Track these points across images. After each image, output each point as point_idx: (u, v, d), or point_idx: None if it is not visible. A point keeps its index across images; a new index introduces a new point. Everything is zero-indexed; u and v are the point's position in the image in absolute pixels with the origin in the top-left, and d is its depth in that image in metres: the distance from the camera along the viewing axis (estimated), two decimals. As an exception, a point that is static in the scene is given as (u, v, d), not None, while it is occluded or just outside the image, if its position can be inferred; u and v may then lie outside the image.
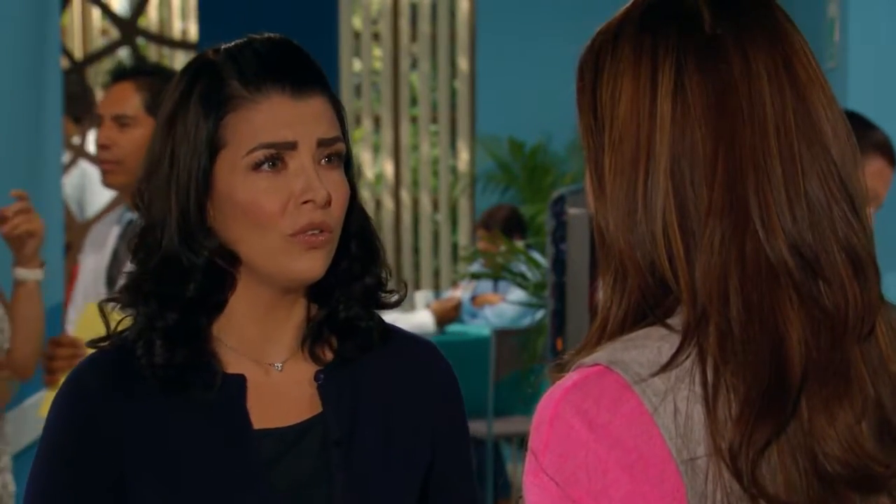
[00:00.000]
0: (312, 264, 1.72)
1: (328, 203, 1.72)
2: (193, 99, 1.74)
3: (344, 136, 1.78)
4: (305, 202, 1.71)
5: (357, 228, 1.80)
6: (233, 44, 1.78)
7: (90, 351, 1.80)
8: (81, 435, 1.74)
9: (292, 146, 1.72)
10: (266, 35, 1.78)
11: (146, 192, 1.76)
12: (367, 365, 1.82)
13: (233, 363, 1.77)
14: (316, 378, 1.80)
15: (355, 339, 1.81)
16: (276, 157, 1.71)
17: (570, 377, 1.29)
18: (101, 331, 1.80)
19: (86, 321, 3.26)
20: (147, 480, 1.72)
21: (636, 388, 1.25)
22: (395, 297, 1.84)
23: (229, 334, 1.78)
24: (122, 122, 3.60)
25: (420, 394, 1.84)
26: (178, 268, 1.74)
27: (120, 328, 1.78)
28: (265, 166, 1.71)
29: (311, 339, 1.80)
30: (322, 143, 1.73)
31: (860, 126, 3.52)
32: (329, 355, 1.81)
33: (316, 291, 1.79)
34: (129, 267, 1.79)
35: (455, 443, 1.87)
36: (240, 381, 1.77)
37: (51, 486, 1.75)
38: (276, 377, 1.79)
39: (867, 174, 3.58)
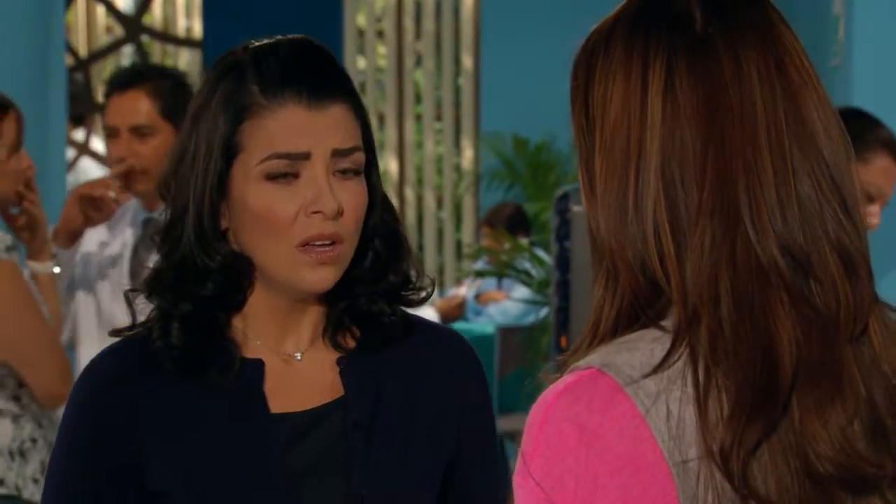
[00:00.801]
0: (322, 278, 1.74)
1: (339, 215, 1.72)
2: (216, 99, 1.75)
3: (368, 142, 1.78)
4: (315, 212, 1.72)
5: (382, 227, 1.81)
6: (261, 43, 1.78)
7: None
8: (97, 421, 1.76)
9: (305, 156, 1.72)
10: (291, 37, 1.78)
11: (172, 185, 1.78)
12: (391, 353, 1.83)
13: (252, 350, 1.79)
14: (338, 363, 1.80)
15: (378, 330, 1.82)
16: (288, 167, 1.72)
17: (563, 380, 1.29)
18: None
19: None
20: (163, 464, 1.74)
21: (628, 390, 1.25)
22: (421, 295, 1.84)
23: (250, 327, 1.79)
24: (140, 132, 3.57)
25: (445, 382, 1.85)
26: (195, 268, 1.75)
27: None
28: (278, 176, 1.72)
29: (333, 327, 1.82)
30: (337, 154, 1.73)
31: (867, 124, 3.51)
32: (351, 343, 1.82)
33: (339, 287, 1.79)
34: (152, 259, 1.80)
35: (480, 433, 1.88)
36: (258, 366, 1.78)
37: (69, 472, 1.77)
38: (296, 365, 1.80)
39: (874, 172, 3.59)
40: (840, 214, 1.29)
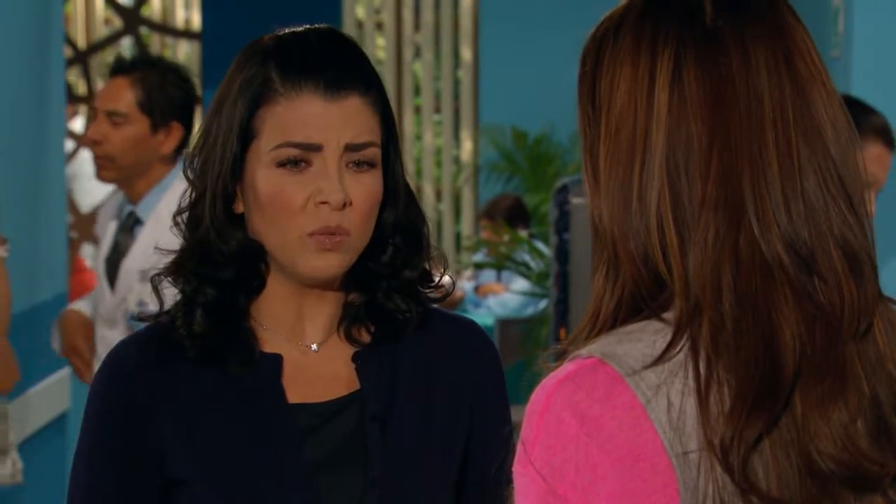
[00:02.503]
0: (325, 264, 1.74)
1: (345, 206, 1.73)
2: (238, 84, 1.77)
3: (389, 134, 1.79)
4: (322, 203, 1.73)
5: (403, 221, 1.81)
6: (287, 31, 1.79)
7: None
8: (119, 407, 1.77)
9: (317, 148, 1.73)
10: (318, 27, 1.79)
11: (198, 165, 1.80)
12: (406, 345, 1.84)
13: (269, 343, 1.80)
14: (354, 358, 1.81)
15: (392, 326, 1.83)
16: (300, 156, 1.73)
17: (564, 369, 1.28)
18: None
19: None
20: (182, 452, 1.75)
21: (629, 381, 1.25)
22: (438, 294, 1.85)
23: (266, 315, 1.80)
24: (114, 119, 3.60)
25: (458, 371, 1.85)
26: (213, 252, 1.77)
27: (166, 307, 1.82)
28: (289, 164, 1.73)
29: (348, 321, 1.83)
30: (350, 149, 1.74)
31: (860, 111, 3.52)
32: (366, 337, 1.83)
33: (357, 279, 1.80)
34: (173, 243, 1.82)
35: (495, 420, 1.88)
36: (276, 360, 1.79)
37: (93, 460, 1.78)
38: (312, 358, 1.81)
39: (867, 159, 3.60)
40: (845, 212, 1.29)
